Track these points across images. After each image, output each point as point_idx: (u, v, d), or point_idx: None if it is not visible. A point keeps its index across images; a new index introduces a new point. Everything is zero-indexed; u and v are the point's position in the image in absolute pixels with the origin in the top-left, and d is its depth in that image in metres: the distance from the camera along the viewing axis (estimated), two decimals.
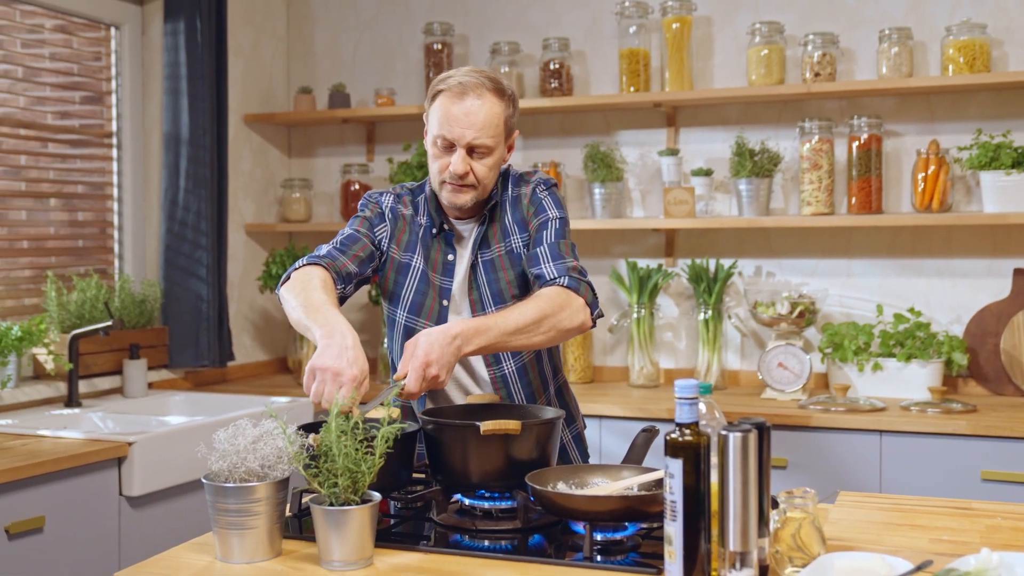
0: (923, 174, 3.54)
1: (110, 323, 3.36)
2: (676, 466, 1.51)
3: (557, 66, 3.97)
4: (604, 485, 1.86)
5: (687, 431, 1.52)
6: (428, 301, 2.25)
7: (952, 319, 3.66)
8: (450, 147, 2.17)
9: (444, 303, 2.24)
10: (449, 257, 2.27)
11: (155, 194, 3.91)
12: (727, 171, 3.83)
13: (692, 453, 1.51)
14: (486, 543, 1.79)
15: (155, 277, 3.90)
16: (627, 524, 1.75)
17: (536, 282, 2.18)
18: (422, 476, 2.08)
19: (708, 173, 3.82)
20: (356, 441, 1.67)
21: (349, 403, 1.80)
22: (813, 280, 3.80)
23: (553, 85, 3.97)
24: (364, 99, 4.37)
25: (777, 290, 3.75)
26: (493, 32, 4.18)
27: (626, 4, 3.83)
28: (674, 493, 1.51)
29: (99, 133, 3.82)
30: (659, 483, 1.78)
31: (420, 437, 2.02)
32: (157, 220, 3.90)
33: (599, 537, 1.74)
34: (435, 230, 2.27)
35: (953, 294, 3.66)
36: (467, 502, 1.93)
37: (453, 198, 2.20)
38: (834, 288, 3.77)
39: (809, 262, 3.82)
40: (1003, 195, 3.41)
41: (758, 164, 3.67)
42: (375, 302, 4.26)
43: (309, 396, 1.89)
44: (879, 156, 3.61)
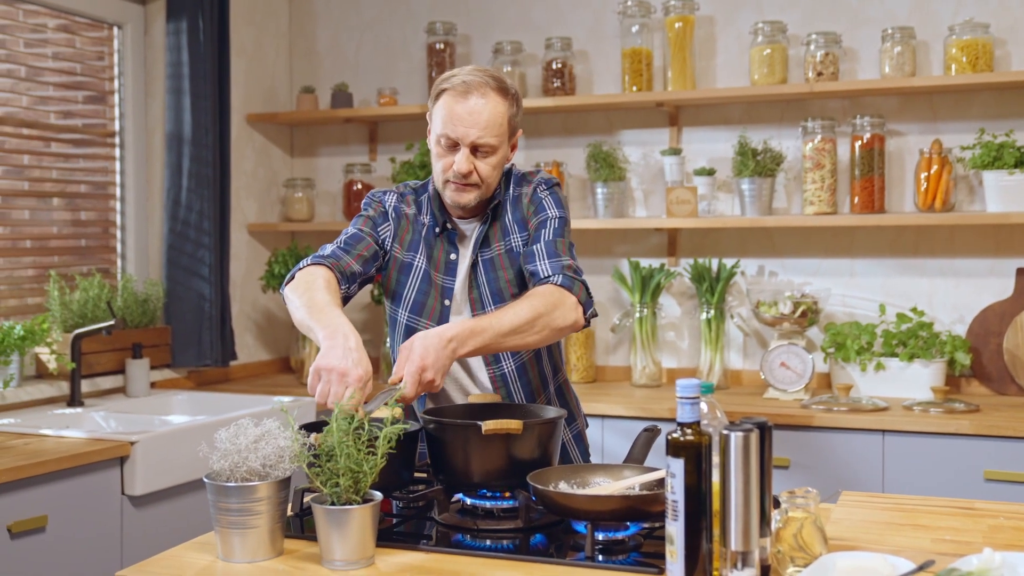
0: (926, 174, 3.53)
1: (112, 322, 3.36)
2: (678, 466, 1.51)
3: (560, 66, 3.97)
4: (606, 485, 1.85)
5: (689, 430, 1.52)
6: (430, 300, 2.25)
7: (955, 319, 3.65)
8: (454, 146, 2.16)
9: (446, 302, 2.24)
10: (452, 256, 2.26)
11: (158, 194, 3.92)
12: (730, 171, 3.83)
13: (694, 453, 1.51)
14: (488, 543, 1.79)
15: (158, 276, 3.90)
16: (629, 524, 1.75)
17: (531, 279, 2.18)
18: (424, 476, 2.08)
19: (711, 173, 3.82)
20: (359, 441, 1.67)
21: (355, 404, 1.81)
22: (816, 280, 3.80)
23: (556, 85, 3.97)
24: (367, 99, 4.37)
25: (780, 290, 3.75)
26: (496, 31, 4.18)
27: (629, 3, 3.83)
28: (676, 493, 1.51)
29: (102, 132, 3.83)
30: (661, 483, 1.78)
31: (422, 436, 2.02)
32: (160, 219, 3.90)
33: (601, 537, 1.74)
34: (438, 229, 2.27)
35: (956, 294, 3.65)
36: (469, 501, 1.93)
37: (456, 197, 2.20)
38: (837, 288, 3.77)
39: (812, 262, 3.82)
40: (1006, 195, 3.40)
41: (761, 164, 3.67)
42: (377, 301, 4.26)
43: (314, 397, 1.89)
44: (882, 156, 3.60)
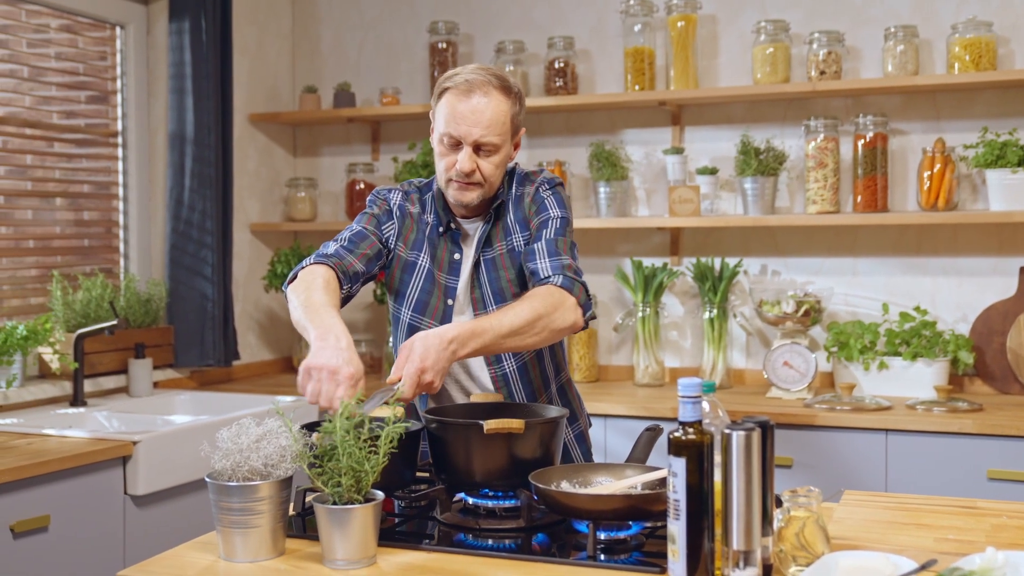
0: (929, 172, 3.53)
1: (115, 322, 3.36)
2: (680, 465, 1.51)
3: (562, 65, 3.96)
4: (608, 484, 1.85)
5: (690, 430, 1.52)
6: (433, 300, 2.24)
7: (958, 318, 3.65)
8: (456, 145, 2.16)
9: (449, 302, 2.24)
10: (455, 256, 2.26)
11: (160, 193, 3.92)
12: (732, 170, 3.82)
13: (695, 452, 1.51)
14: (490, 542, 1.79)
15: (160, 276, 3.91)
16: (631, 523, 1.75)
17: (531, 278, 2.17)
18: (426, 475, 2.08)
19: (713, 172, 3.82)
20: (360, 440, 1.67)
21: (351, 402, 1.80)
22: (818, 279, 3.79)
23: (558, 84, 3.97)
24: (369, 98, 4.37)
25: (782, 289, 3.74)
26: (498, 31, 4.17)
27: (631, 3, 3.82)
28: (677, 492, 1.51)
29: (104, 132, 3.83)
30: (663, 482, 1.78)
31: (424, 436, 2.02)
32: (162, 219, 3.90)
33: (603, 536, 1.74)
34: (442, 229, 2.27)
35: (959, 293, 3.65)
36: (471, 501, 1.93)
37: (459, 196, 2.19)
38: (840, 287, 3.77)
39: (814, 261, 3.81)
40: (1009, 193, 3.40)
41: (763, 163, 3.66)
42: (380, 301, 4.26)
43: (305, 396, 1.88)
44: (884, 154, 3.60)
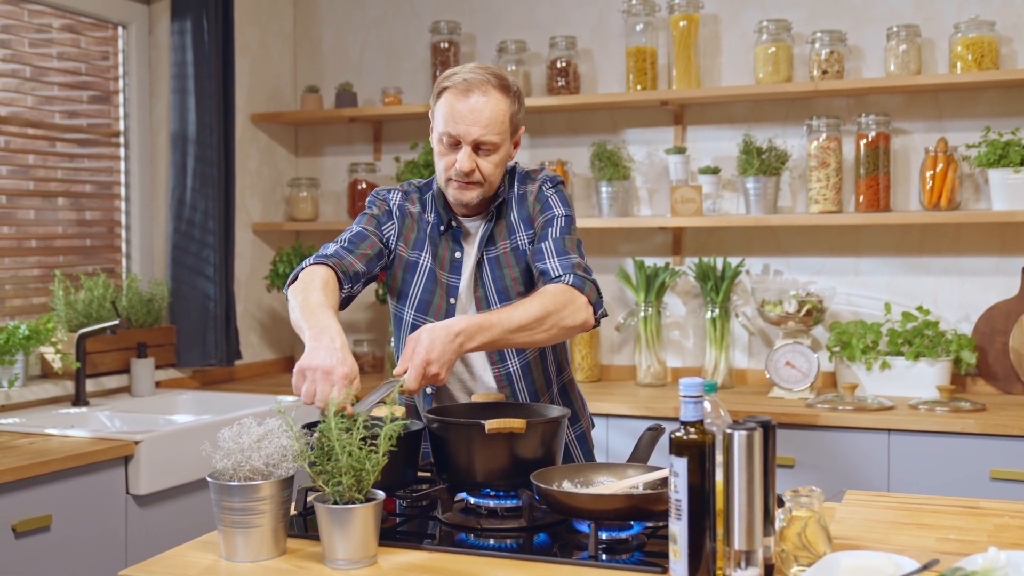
0: (931, 172, 3.52)
1: (117, 322, 3.36)
2: (681, 465, 1.51)
3: (564, 64, 3.96)
4: (609, 484, 1.85)
5: (692, 429, 1.52)
6: (435, 299, 2.24)
7: (961, 317, 3.64)
8: (456, 144, 2.16)
9: (451, 301, 2.24)
10: (457, 255, 2.26)
11: (162, 193, 3.92)
12: (734, 169, 3.82)
13: (697, 452, 1.51)
14: (491, 542, 1.79)
15: (162, 276, 3.91)
16: (632, 523, 1.75)
17: (541, 278, 2.17)
18: (427, 475, 2.08)
19: (715, 171, 3.81)
20: (359, 439, 1.67)
21: (344, 401, 1.80)
22: (821, 278, 3.79)
23: (560, 83, 3.97)
24: (371, 98, 4.37)
25: (785, 288, 3.74)
26: (500, 30, 4.17)
27: (633, 2, 3.82)
28: (679, 492, 1.51)
29: (107, 132, 3.83)
30: (664, 482, 1.78)
31: (425, 436, 2.02)
32: (164, 219, 3.90)
33: (604, 536, 1.73)
34: (443, 228, 2.27)
35: (962, 292, 3.64)
36: (472, 501, 1.92)
37: (459, 195, 2.19)
38: (842, 286, 3.76)
39: (817, 260, 3.81)
40: (1012, 193, 3.39)
41: (765, 162, 3.66)
42: (382, 301, 4.25)
43: (300, 396, 1.89)
44: (887, 154, 3.60)
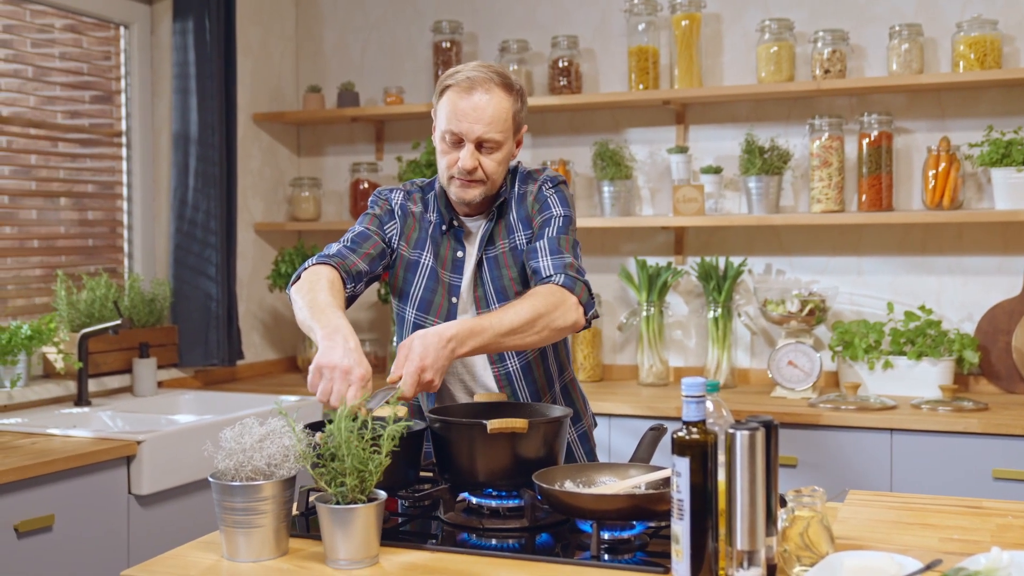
0: (934, 171, 3.52)
1: (119, 322, 3.36)
2: (683, 464, 1.51)
3: (566, 64, 3.96)
4: (611, 484, 1.85)
5: (694, 429, 1.52)
6: (437, 298, 2.24)
7: (963, 317, 3.64)
8: (458, 142, 2.16)
9: (453, 300, 2.24)
10: (458, 254, 2.26)
11: (164, 193, 3.92)
12: (737, 169, 3.81)
13: (699, 451, 1.51)
14: (493, 542, 1.78)
15: (164, 276, 3.91)
16: (634, 523, 1.75)
17: (533, 276, 2.16)
18: (429, 475, 2.08)
19: (717, 171, 3.81)
20: (363, 440, 1.67)
21: (359, 402, 1.80)
22: (823, 278, 3.78)
23: (562, 83, 3.96)
24: (373, 98, 4.37)
25: (787, 288, 3.74)
26: (502, 30, 4.17)
27: (635, 1, 3.82)
28: (681, 492, 1.51)
29: (109, 132, 3.83)
30: (666, 482, 1.78)
31: (427, 436, 2.02)
32: (167, 219, 3.90)
33: (606, 536, 1.73)
34: (445, 227, 2.27)
35: (964, 292, 3.64)
36: (474, 501, 1.92)
37: (462, 193, 2.19)
38: (844, 286, 3.76)
39: (819, 260, 3.80)
40: (1014, 192, 3.39)
41: (768, 162, 3.66)
42: (384, 300, 4.26)
43: (316, 395, 1.88)
44: (889, 153, 3.59)
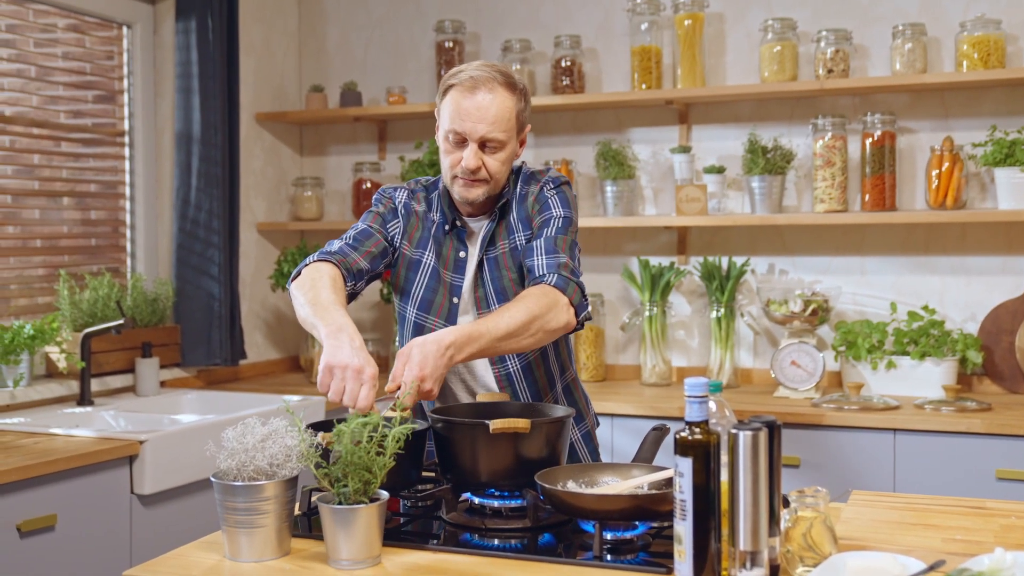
0: (937, 171, 3.51)
1: (122, 322, 3.36)
2: (686, 465, 1.51)
3: (569, 64, 3.96)
4: (614, 484, 1.85)
5: (697, 430, 1.51)
6: (438, 298, 2.24)
7: (967, 317, 3.63)
8: (462, 142, 2.16)
9: (455, 300, 2.24)
10: (461, 254, 2.26)
11: (167, 193, 3.92)
12: (740, 168, 3.81)
13: (702, 452, 1.50)
14: (496, 542, 1.78)
15: (167, 276, 3.91)
16: (637, 523, 1.74)
17: (527, 276, 2.16)
18: (432, 475, 2.08)
19: (720, 170, 3.81)
20: (368, 441, 1.67)
21: (371, 402, 1.80)
22: (826, 278, 3.78)
23: (565, 83, 3.96)
24: (376, 97, 4.36)
25: (790, 288, 3.73)
26: (505, 30, 4.17)
27: (638, 1, 3.82)
28: (684, 492, 1.51)
29: (111, 132, 3.83)
30: (669, 482, 1.77)
31: (430, 436, 2.01)
32: (169, 219, 3.90)
33: (609, 536, 1.73)
34: (447, 227, 2.27)
35: (968, 292, 3.63)
36: (477, 501, 1.92)
37: (465, 192, 2.19)
38: (847, 286, 3.75)
39: (822, 260, 3.80)
40: (1018, 192, 3.38)
41: (771, 161, 3.65)
42: (387, 300, 4.25)
43: (327, 394, 1.86)
44: (893, 153, 3.59)
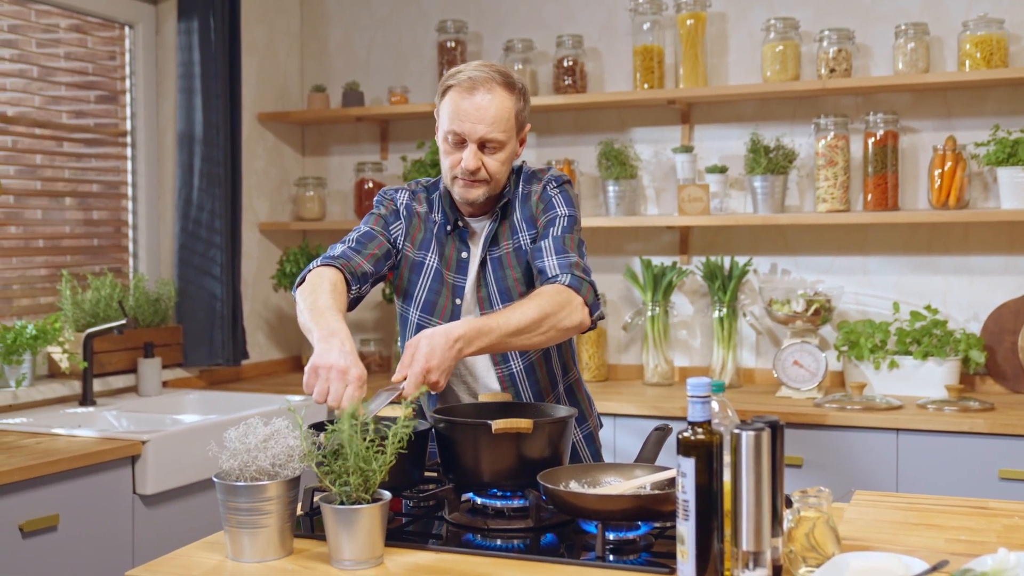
0: (940, 171, 3.51)
1: (124, 322, 3.36)
2: (689, 465, 1.50)
3: (571, 63, 3.95)
4: (616, 484, 1.84)
5: (700, 430, 1.51)
6: (441, 299, 2.24)
7: (969, 316, 3.63)
8: (461, 142, 2.15)
9: (457, 301, 2.23)
10: (463, 255, 2.26)
11: (169, 193, 3.92)
12: (742, 168, 3.81)
13: (705, 452, 1.50)
14: (498, 542, 1.78)
15: (169, 276, 3.91)
16: (639, 523, 1.74)
17: (539, 276, 2.16)
18: (434, 475, 2.08)
19: (723, 170, 3.80)
20: (367, 440, 1.67)
21: (358, 402, 1.80)
22: (829, 277, 3.78)
23: (567, 82, 3.96)
24: (378, 97, 4.36)
25: (792, 288, 3.73)
26: (507, 29, 4.17)
27: (640, 1, 3.81)
28: (687, 492, 1.50)
29: (114, 132, 3.83)
30: (672, 482, 1.77)
31: (432, 436, 2.01)
32: (171, 219, 3.90)
33: (611, 536, 1.73)
34: (449, 227, 2.26)
35: (970, 291, 3.63)
36: (479, 501, 1.92)
37: (465, 193, 2.19)
38: (850, 285, 3.75)
39: (825, 259, 3.80)
40: (1020, 191, 3.37)
41: (773, 161, 3.65)
42: (389, 300, 4.25)
43: (312, 395, 1.87)
44: (895, 152, 3.58)
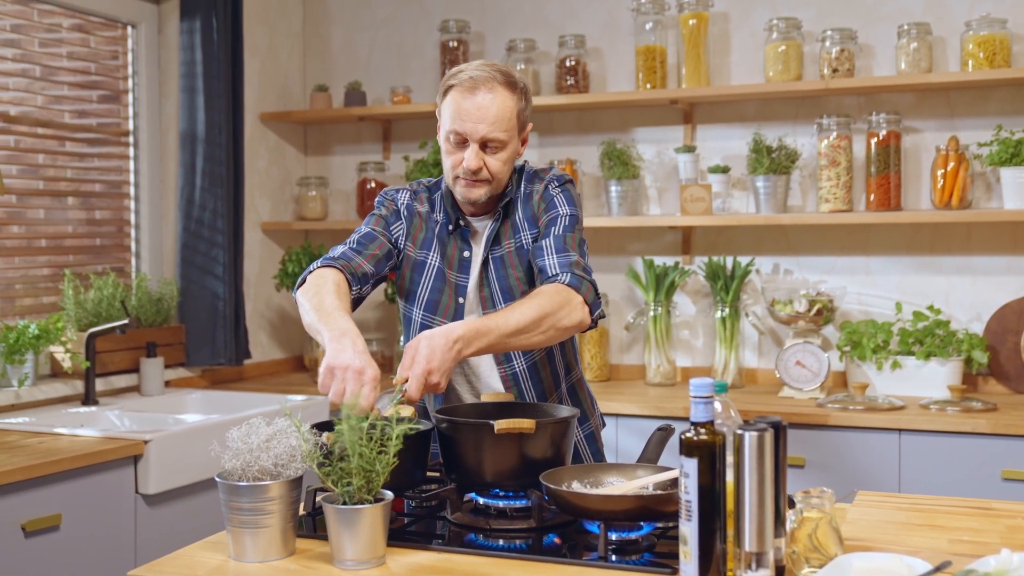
0: (942, 171, 3.51)
1: (127, 321, 3.37)
2: (691, 465, 1.50)
3: (573, 63, 3.95)
4: (619, 484, 1.84)
5: (702, 430, 1.51)
6: (444, 299, 2.24)
7: (972, 317, 3.63)
8: (463, 142, 2.15)
9: (460, 300, 2.23)
10: (465, 254, 2.26)
11: (172, 193, 3.92)
12: (744, 168, 3.81)
13: (707, 452, 1.50)
14: (500, 542, 1.78)
15: (172, 275, 3.91)
16: (642, 524, 1.74)
17: (539, 275, 2.16)
18: (436, 475, 2.08)
19: (725, 170, 3.80)
20: (371, 440, 1.67)
21: (371, 402, 1.80)
22: (831, 278, 3.77)
23: (569, 82, 3.96)
24: (380, 97, 4.36)
25: (795, 288, 3.73)
26: (509, 29, 4.17)
27: (643, 0, 3.81)
28: (689, 493, 1.50)
29: (116, 132, 3.83)
30: (674, 482, 1.77)
31: (434, 436, 2.01)
32: (174, 219, 3.91)
33: (614, 537, 1.73)
34: (451, 227, 2.26)
35: (973, 291, 3.62)
36: (481, 501, 1.92)
37: (467, 192, 2.19)
38: (852, 286, 3.75)
39: (827, 259, 3.79)
40: (1023, 192, 3.38)
41: (775, 161, 3.65)
42: (391, 300, 4.25)
43: (327, 395, 1.86)
44: (898, 153, 3.58)
